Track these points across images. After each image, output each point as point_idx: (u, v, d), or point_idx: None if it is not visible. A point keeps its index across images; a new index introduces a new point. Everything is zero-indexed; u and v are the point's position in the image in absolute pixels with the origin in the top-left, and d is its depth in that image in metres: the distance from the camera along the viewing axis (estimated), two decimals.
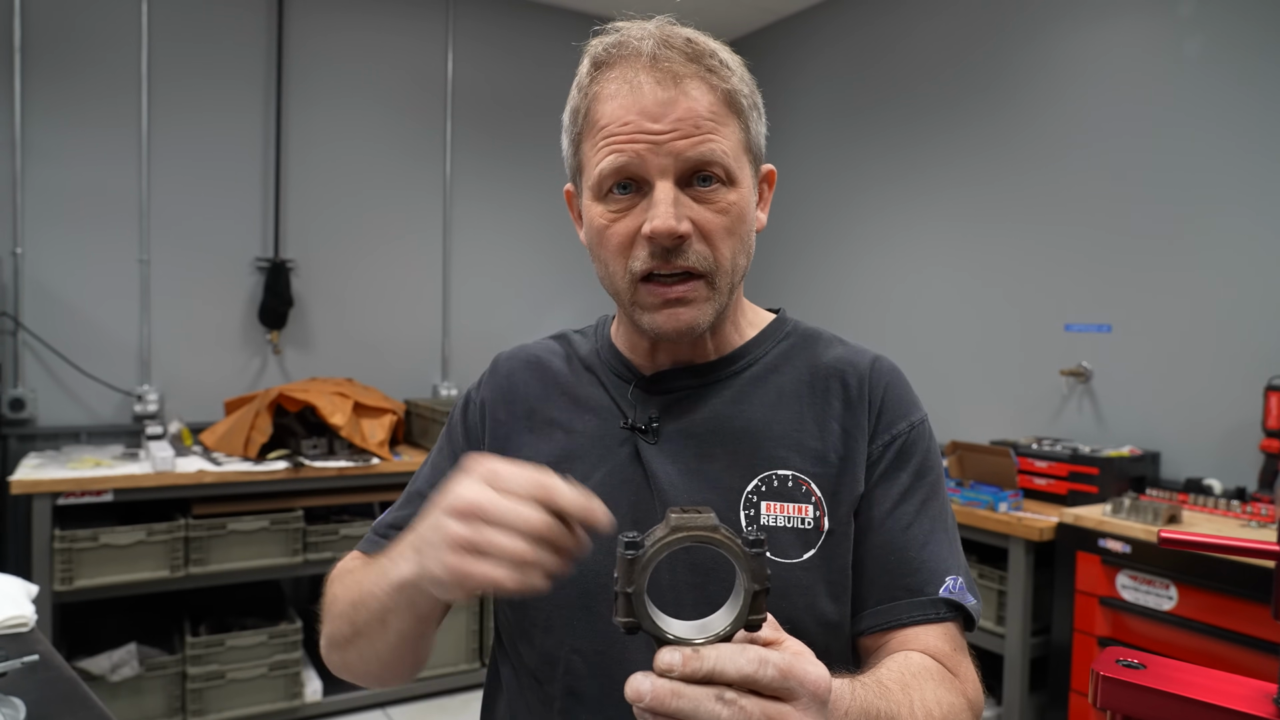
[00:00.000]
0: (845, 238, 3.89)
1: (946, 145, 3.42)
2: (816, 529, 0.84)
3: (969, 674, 0.83)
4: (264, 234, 3.57)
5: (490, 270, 4.07)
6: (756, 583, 0.54)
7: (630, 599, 0.55)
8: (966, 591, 0.85)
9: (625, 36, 0.82)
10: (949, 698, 0.77)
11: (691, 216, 0.79)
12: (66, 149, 3.21)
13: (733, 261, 0.82)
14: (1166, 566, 2.14)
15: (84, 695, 1.14)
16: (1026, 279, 3.12)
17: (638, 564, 0.54)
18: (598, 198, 0.82)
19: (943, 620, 0.84)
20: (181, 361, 3.43)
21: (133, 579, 2.71)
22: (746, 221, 0.84)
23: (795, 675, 0.54)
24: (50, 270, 3.20)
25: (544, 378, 0.97)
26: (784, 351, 0.93)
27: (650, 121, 0.78)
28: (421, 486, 0.98)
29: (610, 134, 0.79)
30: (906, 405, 0.91)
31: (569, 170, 0.89)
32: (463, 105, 3.97)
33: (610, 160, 0.79)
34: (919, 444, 0.89)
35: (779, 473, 0.85)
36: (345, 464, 3.05)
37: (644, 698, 0.53)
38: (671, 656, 0.53)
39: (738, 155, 0.82)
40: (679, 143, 0.78)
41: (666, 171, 0.78)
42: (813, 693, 0.55)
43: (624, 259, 0.82)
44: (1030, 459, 2.72)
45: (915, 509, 0.87)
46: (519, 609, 0.89)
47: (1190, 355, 2.65)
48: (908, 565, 0.85)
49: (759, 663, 0.53)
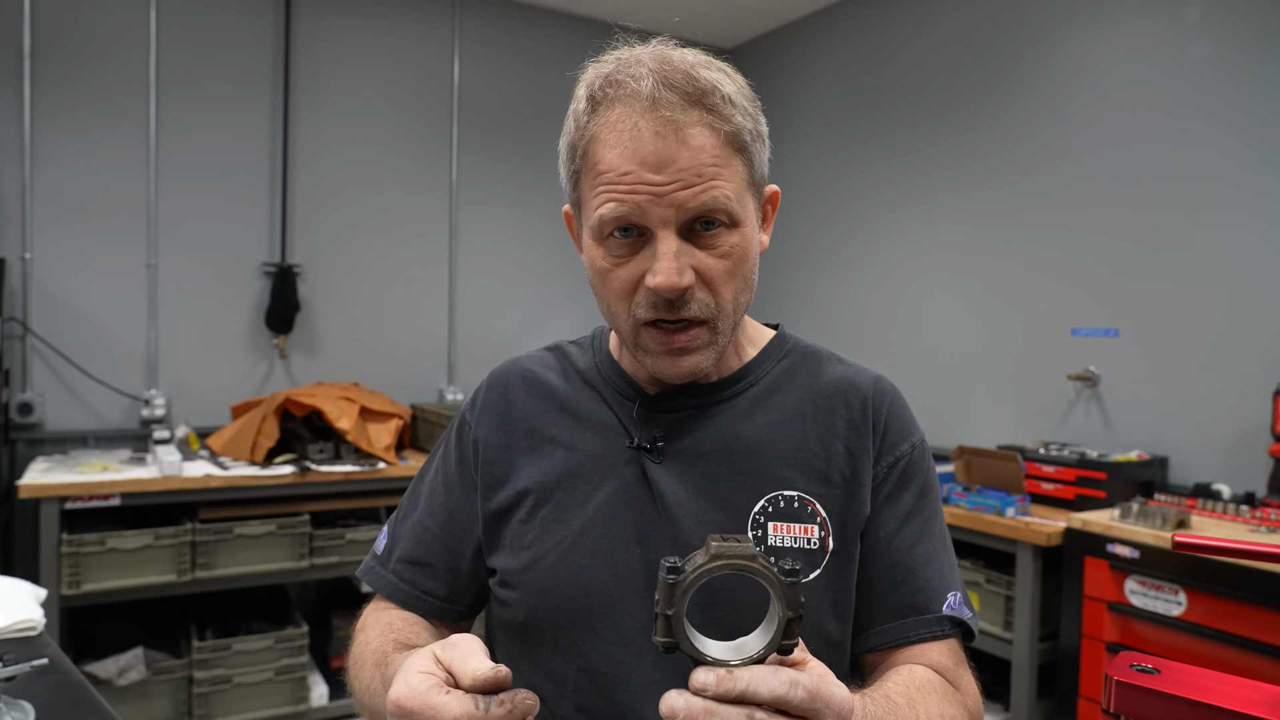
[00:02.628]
0: (850, 244, 3.89)
1: (951, 150, 3.42)
2: (822, 549, 0.85)
3: (970, 687, 0.87)
4: (271, 239, 3.58)
5: (496, 275, 4.08)
6: (791, 610, 0.57)
7: (670, 621, 0.57)
8: (964, 605, 0.89)
9: (622, 74, 0.79)
10: (952, 711, 0.80)
11: (694, 265, 0.79)
12: (75, 154, 3.23)
13: (735, 303, 0.83)
14: (1175, 572, 2.13)
15: (93, 699, 1.14)
16: (1033, 283, 3.11)
17: (679, 588, 0.57)
18: (598, 240, 0.82)
19: (946, 636, 0.87)
20: (188, 366, 3.44)
21: (140, 583, 2.72)
22: (749, 259, 0.83)
23: (823, 697, 0.56)
24: (58, 275, 3.21)
25: (542, 394, 0.96)
26: (785, 370, 0.94)
27: (651, 172, 0.76)
28: (420, 515, 0.98)
29: (610, 182, 0.78)
30: (908, 426, 0.93)
31: (568, 199, 0.88)
32: (469, 110, 3.98)
33: (610, 209, 0.78)
34: (920, 464, 0.92)
35: (785, 493, 0.86)
36: (352, 468, 3.05)
37: (678, 714, 0.54)
38: (707, 676, 0.55)
39: (741, 195, 0.80)
40: (681, 193, 0.76)
41: (668, 222, 0.78)
42: (837, 714, 0.57)
43: (626, 303, 0.82)
44: (1037, 464, 2.72)
45: (919, 529, 0.89)
46: (519, 633, 0.89)
47: (1198, 359, 2.64)
48: (914, 584, 0.87)
49: (790, 685, 0.55)
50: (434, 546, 0.96)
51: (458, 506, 0.95)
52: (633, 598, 0.83)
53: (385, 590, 0.97)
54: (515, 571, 0.89)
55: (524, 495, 0.91)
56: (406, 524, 0.99)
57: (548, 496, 0.89)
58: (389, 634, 0.88)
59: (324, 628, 3.35)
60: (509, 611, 0.90)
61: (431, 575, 0.95)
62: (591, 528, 0.86)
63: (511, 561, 0.90)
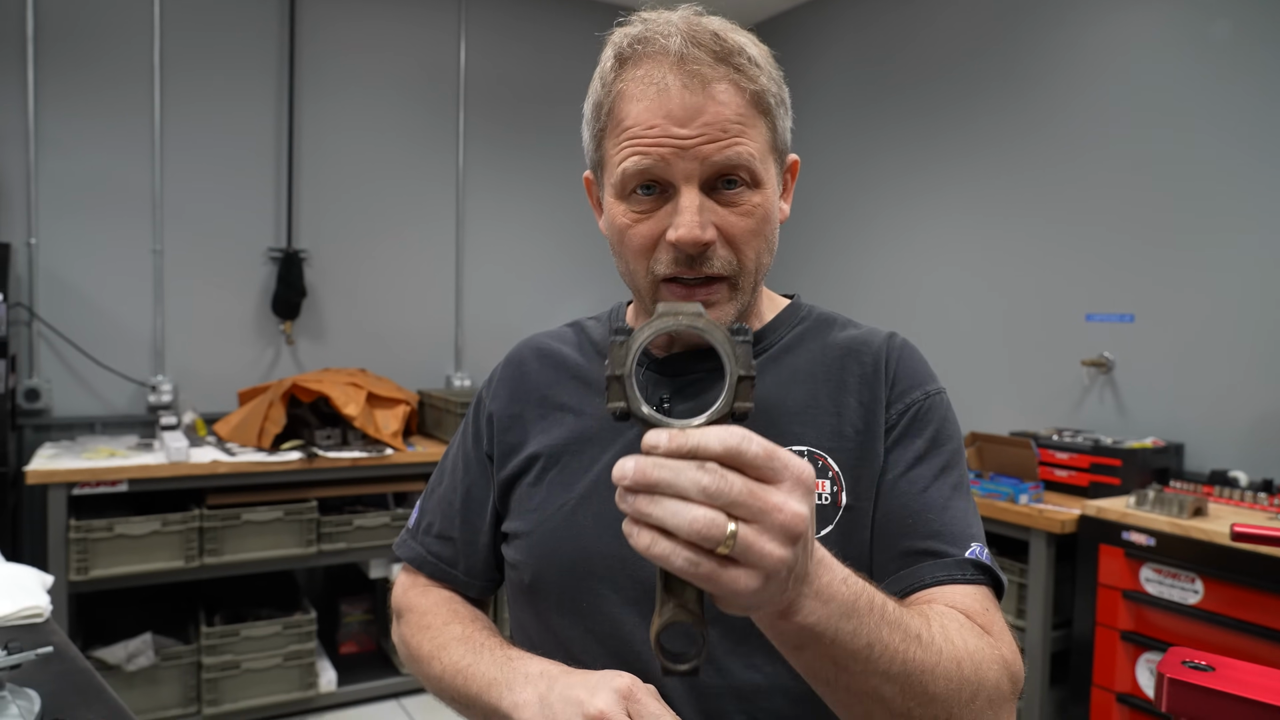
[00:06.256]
0: (863, 228, 3.84)
1: (966, 135, 3.37)
2: (834, 505, 0.82)
3: (1004, 635, 0.76)
4: (277, 224, 3.56)
5: (504, 260, 4.05)
6: (742, 368, 0.55)
7: (622, 382, 0.55)
8: (991, 559, 0.81)
9: (651, 31, 0.79)
10: (975, 640, 0.70)
11: (716, 222, 0.78)
12: (79, 140, 3.20)
13: (756, 262, 0.82)
14: (1192, 560, 2.11)
15: (99, 687, 1.12)
16: (1047, 268, 3.07)
17: (626, 346, 0.55)
18: (620, 197, 0.81)
19: (971, 581, 0.78)
20: (195, 352, 3.43)
21: (148, 569, 2.71)
22: (770, 221, 0.83)
23: (780, 456, 0.52)
24: (64, 261, 3.20)
25: (556, 365, 0.97)
26: (799, 335, 0.92)
27: (677, 126, 0.76)
28: (444, 491, 1.01)
29: (635, 136, 0.78)
30: (921, 376, 0.89)
31: (589, 162, 0.88)
32: (475, 95, 3.95)
33: (634, 162, 0.78)
34: (935, 412, 0.87)
35: (794, 448, 0.83)
36: (359, 454, 3.04)
37: (628, 475, 0.51)
38: (658, 435, 0.52)
39: (764, 156, 0.80)
40: (705, 147, 0.76)
41: (692, 177, 0.77)
42: (798, 477, 0.52)
43: (646, 260, 0.81)
44: (1051, 450, 2.69)
45: (933, 473, 0.83)
46: (527, 595, 0.90)
47: (1214, 345, 2.60)
48: (928, 528, 0.80)
49: (743, 438, 0.51)
50: (455, 520, 0.98)
51: (475, 483, 0.98)
52: (636, 561, 0.82)
53: (416, 562, 1.01)
54: (521, 534, 0.91)
55: (534, 460, 0.92)
56: (432, 499, 1.03)
57: (555, 461, 0.91)
58: (475, 621, 0.92)
59: (332, 614, 3.35)
60: (516, 574, 0.92)
61: (453, 549, 0.98)
62: (595, 491, 0.86)
63: (518, 524, 0.92)
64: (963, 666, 0.66)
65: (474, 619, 0.93)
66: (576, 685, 0.70)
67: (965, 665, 0.66)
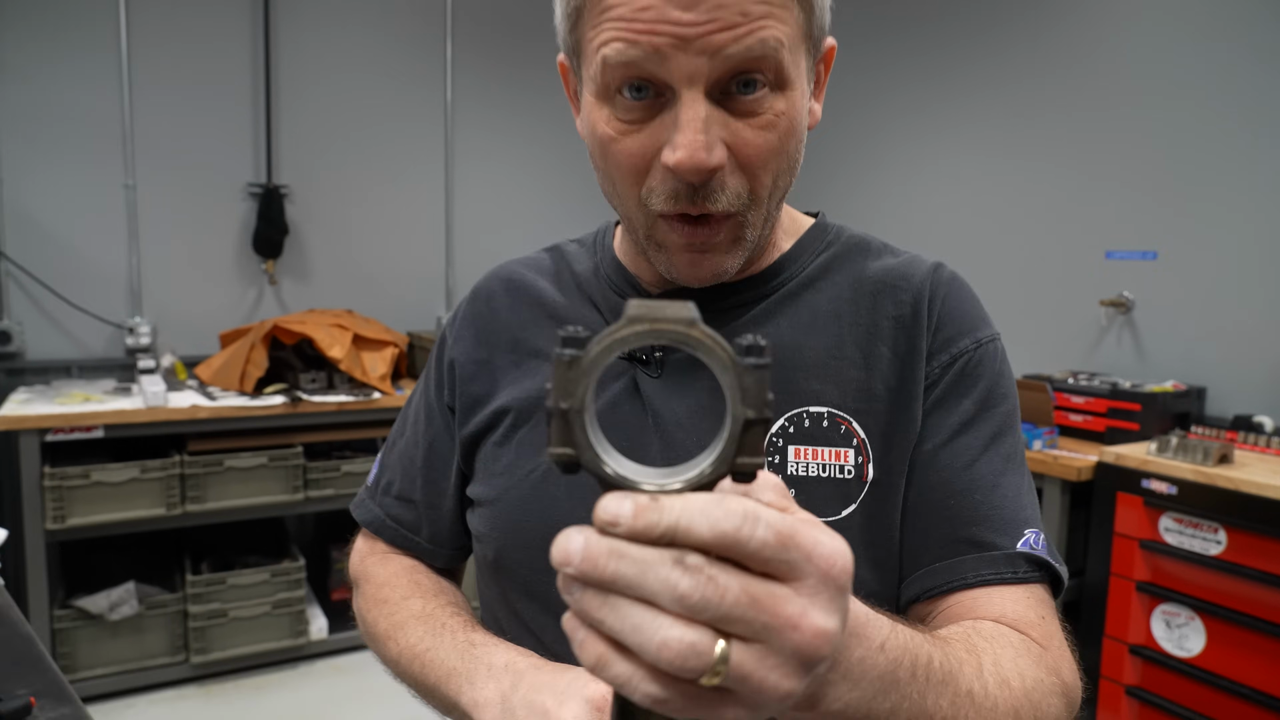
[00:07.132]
0: (877, 165, 3.67)
1: (984, 69, 3.18)
2: (858, 479, 0.67)
3: (1062, 648, 0.64)
4: (255, 158, 3.38)
5: (495, 198, 3.88)
6: (751, 408, 0.35)
7: (567, 419, 0.36)
8: (1048, 549, 0.68)
9: None
10: (1033, 670, 0.58)
11: (726, 139, 0.60)
12: (43, 70, 3.01)
13: (773, 187, 0.64)
14: (1216, 509, 2.00)
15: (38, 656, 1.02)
16: (1065, 204, 2.92)
17: (578, 367, 0.36)
18: (602, 97, 0.62)
19: (1023, 580, 0.65)
20: (174, 292, 3.29)
21: (127, 517, 2.62)
22: (797, 134, 0.63)
23: (799, 544, 0.35)
24: (32, 197, 3.03)
25: (530, 301, 0.81)
26: (823, 265, 0.75)
27: (679, 10, 0.56)
28: (405, 445, 0.87)
29: (620, 17, 0.58)
30: (973, 319, 0.73)
31: (563, 46, 0.68)
32: (464, 26, 3.72)
33: (617, 49, 0.58)
34: (987, 365, 0.71)
35: (811, 410, 0.69)
36: (345, 398, 2.93)
37: (573, 559, 0.35)
38: (620, 505, 0.35)
39: (794, 47, 0.61)
40: (718, 36, 0.56)
41: (696, 77, 0.58)
42: (824, 572, 0.35)
43: (636, 188, 0.64)
44: (1067, 394, 2.57)
45: (982, 443, 0.68)
46: (492, 573, 0.78)
47: (1239, 284, 2.46)
48: (973, 511, 0.66)
49: (743, 518, 0.34)
50: (416, 480, 0.84)
51: (438, 437, 0.83)
52: None
53: (374, 526, 0.87)
54: (485, 501, 0.77)
55: (502, 414, 0.77)
56: (393, 454, 0.88)
57: (526, 417, 0.76)
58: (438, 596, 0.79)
59: (323, 561, 3.28)
60: (481, 547, 0.79)
61: (414, 512, 0.85)
62: None
63: (482, 490, 0.78)
64: (1020, 716, 0.55)
65: (437, 592, 0.80)
66: (544, 688, 0.57)
67: (1024, 713, 0.55)
